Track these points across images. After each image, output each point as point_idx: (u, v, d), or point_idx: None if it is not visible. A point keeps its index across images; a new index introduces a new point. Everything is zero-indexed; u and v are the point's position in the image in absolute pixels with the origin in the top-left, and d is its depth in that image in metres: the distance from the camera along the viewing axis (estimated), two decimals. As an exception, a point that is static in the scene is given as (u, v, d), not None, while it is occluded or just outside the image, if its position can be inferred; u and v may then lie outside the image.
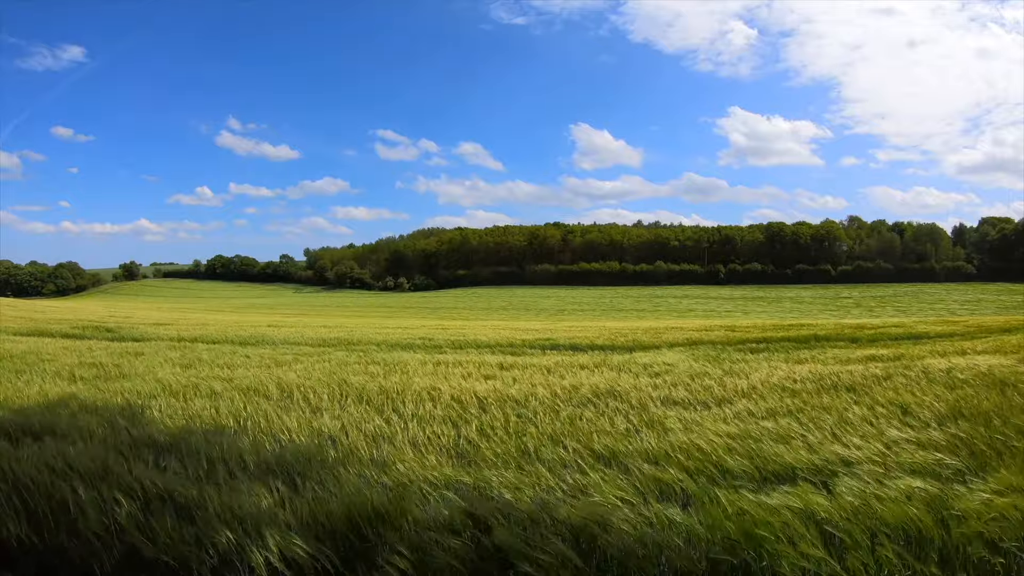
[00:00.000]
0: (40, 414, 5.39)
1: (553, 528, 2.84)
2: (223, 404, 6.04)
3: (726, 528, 2.76)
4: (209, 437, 4.55)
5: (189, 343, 14.96)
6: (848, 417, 5.06)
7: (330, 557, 2.69)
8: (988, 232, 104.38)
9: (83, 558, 2.85)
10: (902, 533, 2.73)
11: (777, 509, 2.86)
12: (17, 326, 20.66)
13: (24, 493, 3.30)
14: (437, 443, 4.68)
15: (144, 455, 4.09)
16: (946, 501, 2.94)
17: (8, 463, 3.65)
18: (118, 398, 6.56)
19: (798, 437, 4.47)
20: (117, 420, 5.14)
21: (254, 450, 4.24)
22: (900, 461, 3.78)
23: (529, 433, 4.86)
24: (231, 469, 3.88)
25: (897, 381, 6.75)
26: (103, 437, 4.59)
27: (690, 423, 5.10)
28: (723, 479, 3.71)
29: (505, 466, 4.02)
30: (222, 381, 7.68)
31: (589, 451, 4.34)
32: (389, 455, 4.31)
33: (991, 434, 4.16)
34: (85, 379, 8.28)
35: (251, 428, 5.18)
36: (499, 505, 3.10)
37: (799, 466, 3.83)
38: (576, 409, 5.77)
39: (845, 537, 2.66)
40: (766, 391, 6.54)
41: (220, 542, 2.77)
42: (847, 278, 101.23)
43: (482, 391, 6.53)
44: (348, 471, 3.82)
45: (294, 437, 4.91)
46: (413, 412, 5.67)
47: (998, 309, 55.73)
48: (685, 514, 3.01)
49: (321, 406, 6.08)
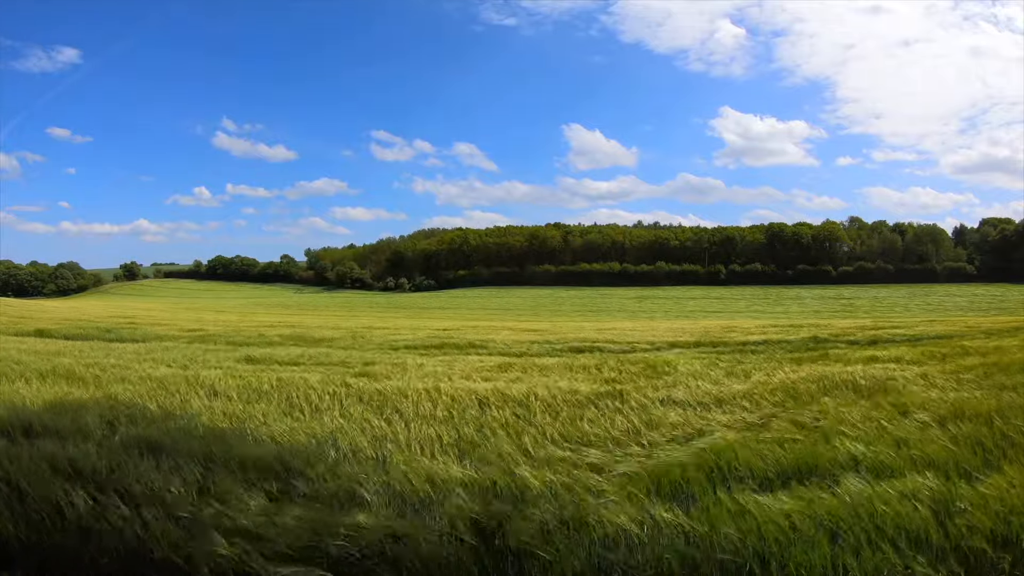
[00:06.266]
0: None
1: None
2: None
3: (727, 528, 2.75)
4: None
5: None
6: (848, 417, 5.05)
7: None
8: (989, 233, 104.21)
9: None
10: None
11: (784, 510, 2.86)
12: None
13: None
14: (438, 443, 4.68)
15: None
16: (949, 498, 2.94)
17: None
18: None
19: (798, 438, 4.46)
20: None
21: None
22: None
23: (528, 433, 4.85)
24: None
25: (896, 382, 6.74)
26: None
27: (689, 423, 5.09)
28: (725, 479, 3.70)
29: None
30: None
31: (589, 451, 4.32)
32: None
33: (993, 434, 4.16)
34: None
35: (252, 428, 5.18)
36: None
37: (799, 467, 3.83)
38: (576, 410, 5.76)
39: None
40: (766, 392, 6.52)
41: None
42: (848, 279, 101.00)
43: (482, 391, 6.52)
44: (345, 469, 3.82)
45: (290, 436, 4.91)
46: (414, 412, 5.66)
47: (999, 310, 55.70)
48: (686, 513, 3.01)
49: (321, 407, 6.07)
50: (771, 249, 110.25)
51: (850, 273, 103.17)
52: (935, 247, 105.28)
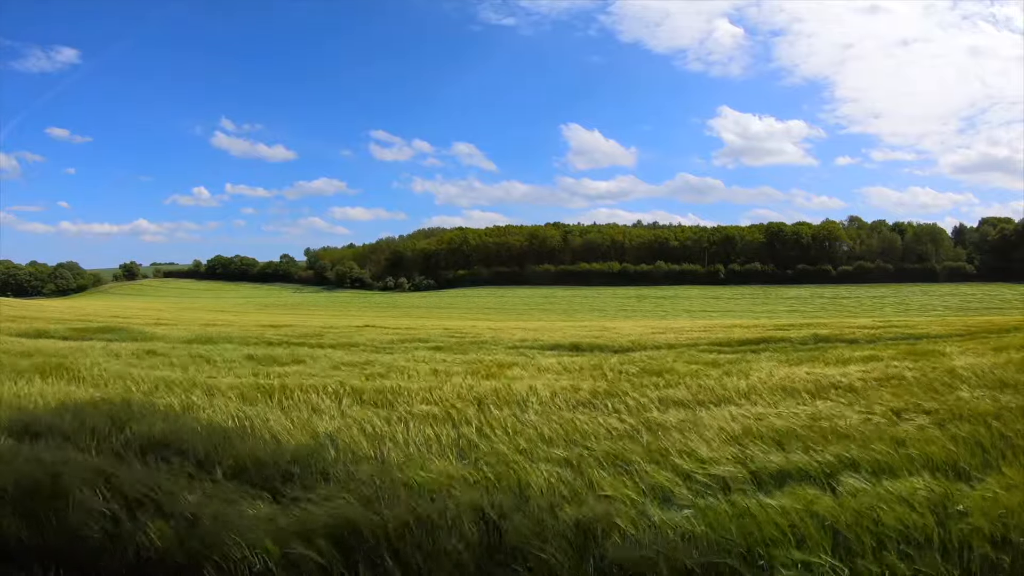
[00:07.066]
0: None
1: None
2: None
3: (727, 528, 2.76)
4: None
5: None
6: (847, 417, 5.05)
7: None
8: (988, 232, 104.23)
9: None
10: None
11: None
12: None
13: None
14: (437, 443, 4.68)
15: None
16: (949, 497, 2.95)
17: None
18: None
19: (797, 438, 4.46)
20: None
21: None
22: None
23: (527, 434, 4.85)
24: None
25: (896, 382, 6.75)
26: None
27: (689, 423, 5.09)
28: (722, 480, 3.70)
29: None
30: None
31: (588, 451, 4.33)
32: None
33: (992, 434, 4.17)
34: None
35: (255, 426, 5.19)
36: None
37: (799, 466, 3.83)
38: (576, 409, 5.76)
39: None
40: (765, 392, 6.53)
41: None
42: (848, 278, 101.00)
43: (481, 390, 6.53)
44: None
45: (293, 437, 4.91)
46: (413, 412, 5.67)
47: (999, 309, 55.74)
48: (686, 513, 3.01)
49: (321, 407, 6.08)
50: (771, 249, 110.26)
51: (850, 273, 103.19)
52: (935, 247, 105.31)
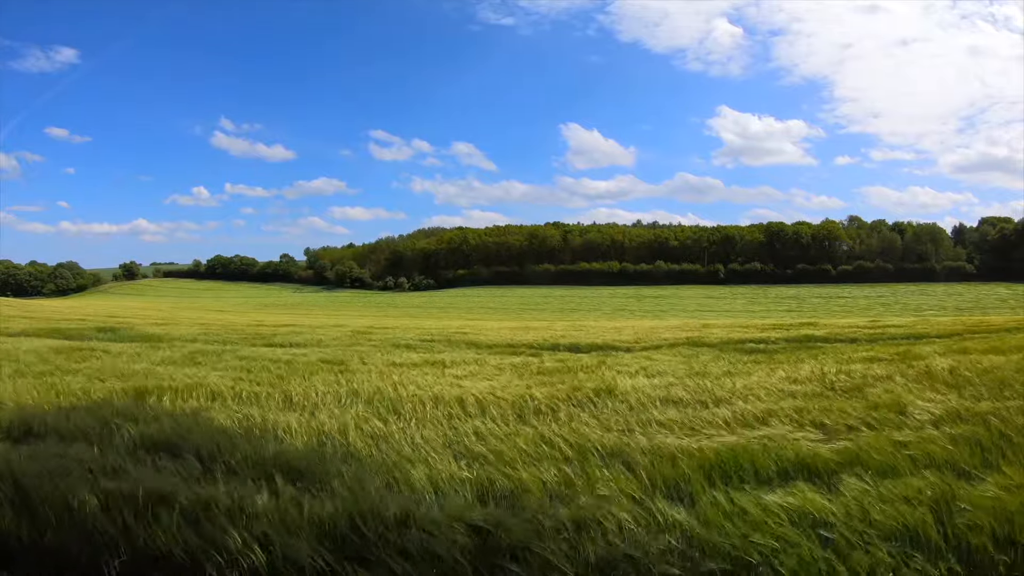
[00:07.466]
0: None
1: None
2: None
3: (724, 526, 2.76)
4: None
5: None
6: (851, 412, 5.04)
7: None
8: (988, 232, 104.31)
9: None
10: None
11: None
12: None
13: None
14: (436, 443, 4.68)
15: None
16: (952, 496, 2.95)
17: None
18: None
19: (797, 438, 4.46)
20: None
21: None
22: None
23: (524, 434, 4.85)
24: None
25: (896, 381, 6.74)
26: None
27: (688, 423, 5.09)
28: (724, 477, 3.71)
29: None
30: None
31: (588, 450, 4.33)
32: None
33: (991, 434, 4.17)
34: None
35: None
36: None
37: (799, 465, 3.84)
38: (575, 409, 5.76)
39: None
40: (764, 392, 6.53)
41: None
42: (847, 278, 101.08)
43: (480, 391, 6.52)
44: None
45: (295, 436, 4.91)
46: (411, 412, 5.67)
47: (998, 309, 55.78)
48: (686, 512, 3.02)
49: (320, 406, 6.08)
50: (770, 248, 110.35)
51: (849, 272, 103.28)
52: (934, 246, 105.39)
